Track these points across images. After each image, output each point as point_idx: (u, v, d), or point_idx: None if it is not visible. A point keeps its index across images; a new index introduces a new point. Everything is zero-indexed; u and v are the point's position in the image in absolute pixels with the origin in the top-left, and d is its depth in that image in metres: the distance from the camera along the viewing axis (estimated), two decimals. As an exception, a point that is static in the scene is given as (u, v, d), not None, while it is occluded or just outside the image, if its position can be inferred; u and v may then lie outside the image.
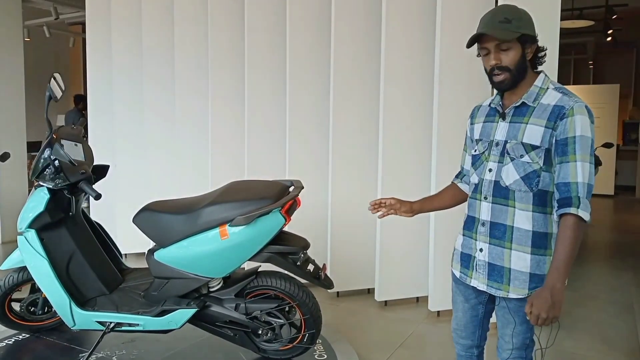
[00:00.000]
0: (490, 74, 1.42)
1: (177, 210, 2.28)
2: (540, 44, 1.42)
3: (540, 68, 1.46)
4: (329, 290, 3.26)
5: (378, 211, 1.66)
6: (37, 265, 2.34)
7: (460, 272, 1.56)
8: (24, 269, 2.49)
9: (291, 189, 2.36)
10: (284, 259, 2.22)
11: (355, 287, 3.45)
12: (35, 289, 2.64)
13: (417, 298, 3.34)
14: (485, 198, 1.46)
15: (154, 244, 2.36)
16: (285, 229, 2.29)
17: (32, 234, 2.34)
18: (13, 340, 2.69)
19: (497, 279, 1.44)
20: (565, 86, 1.45)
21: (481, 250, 1.48)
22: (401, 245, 3.19)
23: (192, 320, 2.31)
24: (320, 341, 2.64)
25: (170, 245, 2.26)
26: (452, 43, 2.75)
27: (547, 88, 1.40)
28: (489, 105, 1.52)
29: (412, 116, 3.12)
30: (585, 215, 1.30)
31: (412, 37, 3.06)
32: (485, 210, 1.46)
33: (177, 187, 3.89)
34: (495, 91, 1.51)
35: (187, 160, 4.00)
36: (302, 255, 2.25)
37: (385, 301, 3.29)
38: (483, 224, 1.47)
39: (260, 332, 2.31)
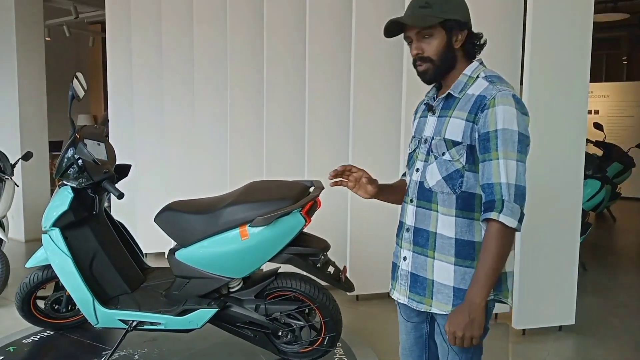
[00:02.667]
0: (413, 65, 1.28)
1: (198, 210, 2.28)
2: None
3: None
4: (348, 294, 3.22)
5: (336, 180, 1.39)
6: (61, 264, 2.37)
7: (391, 283, 1.41)
8: (48, 267, 2.52)
9: (311, 189, 2.33)
10: (304, 260, 2.20)
11: (375, 290, 3.39)
12: (59, 287, 2.69)
13: (440, 302, 3.26)
14: (412, 201, 1.32)
15: (175, 243, 2.36)
16: (305, 230, 2.26)
17: (56, 233, 2.37)
18: (38, 337, 2.74)
19: (419, 291, 1.29)
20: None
21: (405, 258, 1.33)
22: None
23: (213, 320, 2.30)
24: (340, 344, 2.60)
25: (191, 244, 2.26)
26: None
27: (477, 77, 1.24)
28: (426, 97, 1.39)
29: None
30: (510, 221, 1.13)
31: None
32: (410, 215, 1.32)
33: (197, 187, 3.91)
34: None
35: (206, 159, 4.02)
36: (323, 257, 2.22)
37: (407, 305, 3.22)
38: (408, 230, 1.32)
39: (280, 333, 2.29)
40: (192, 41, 3.96)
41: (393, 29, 1.26)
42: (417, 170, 1.32)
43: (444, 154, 1.24)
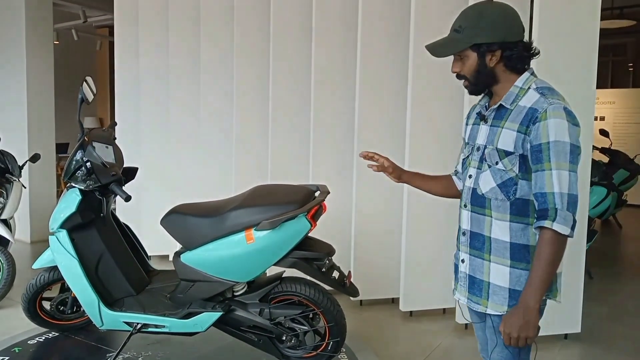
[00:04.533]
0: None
1: (203, 213, 2.29)
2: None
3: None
4: (352, 299, 3.21)
5: (369, 160, 1.60)
6: (67, 265, 2.38)
7: (454, 283, 1.49)
8: (54, 268, 2.54)
9: (317, 193, 2.34)
10: (309, 264, 2.20)
11: (379, 296, 3.39)
12: (65, 289, 2.70)
13: (444, 309, 3.25)
14: (465, 206, 1.40)
15: (181, 246, 2.37)
16: (310, 234, 2.26)
17: (63, 234, 2.39)
18: (43, 338, 2.75)
19: (476, 292, 1.37)
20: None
21: (463, 261, 1.41)
22: (428, 254, 3.11)
23: (217, 324, 2.30)
24: (344, 350, 2.59)
25: (196, 248, 2.27)
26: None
27: (529, 88, 1.29)
28: (478, 105, 1.46)
29: (440, 120, 3.06)
30: (563, 229, 1.19)
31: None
32: (465, 219, 1.40)
33: (202, 190, 3.93)
34: None
35: (211, 163, 4.04)
36: (327, 261, 2.22)
37: (411, 311, 3.22)
38: (464, 234, 1.41)
39: (284, 338, 2.28)
40: (199, 46, 4.00)
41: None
42: (470, 176, 1.38)
43: (497, 163, 1.30)
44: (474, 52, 1.29)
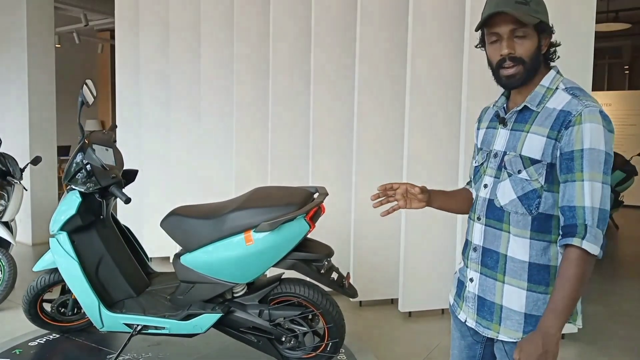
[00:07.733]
0: (498, 66, 1.16)
1: (203, 215, 2.31)
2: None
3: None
4: (351, 300, 3.23)
5: (383, 202, 1.34)
6: (68, 267, 2.40)
7: (454, 299, 1.34)
8: (55, 270, 2.55)
9: (316, 195, 2.36)
10: (308, 266, 2.21)
11: (378, 297, 3.40)
12: (65, 291, 2.72)
13: (442, 310, 3.26)
14: (479, 219, 1.24)
15: (181, 248, 2.39)
16: (309, 235, 2.28)
17: (64, 237, 2.40)
18: (44, 340, 2.76)
19: (486, 316, 1.22)
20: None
21: (471, 280, 1.25)
22: (426, 255, 3.13)
23: (217, 325, 2.32)
24: (343, 350, 2.61)
25: (196, 249, 2.29)
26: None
27: (556, 88, 1.15)
28: (494, 107, 1.29)
29: (438, 122, 3.08)
30: (593, 248, 1.06)
31: (438, 42, 3.03)
32: (477, 233, 1.24)
33: (202, 192, 3.95)
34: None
35: (212, 165, 4.06)
36: (326, 262, 2.24)
37: (409, 312, 3.23)
38: (475, 249, 1.25)
39: (283, 339, 2.30)
40: (199, 49, 4.02)
41: (482, 21, 1.16)
42: (486, 186, 1.23)
43: (519, 171, 1.16)
44: (534, 32, 1.12)
